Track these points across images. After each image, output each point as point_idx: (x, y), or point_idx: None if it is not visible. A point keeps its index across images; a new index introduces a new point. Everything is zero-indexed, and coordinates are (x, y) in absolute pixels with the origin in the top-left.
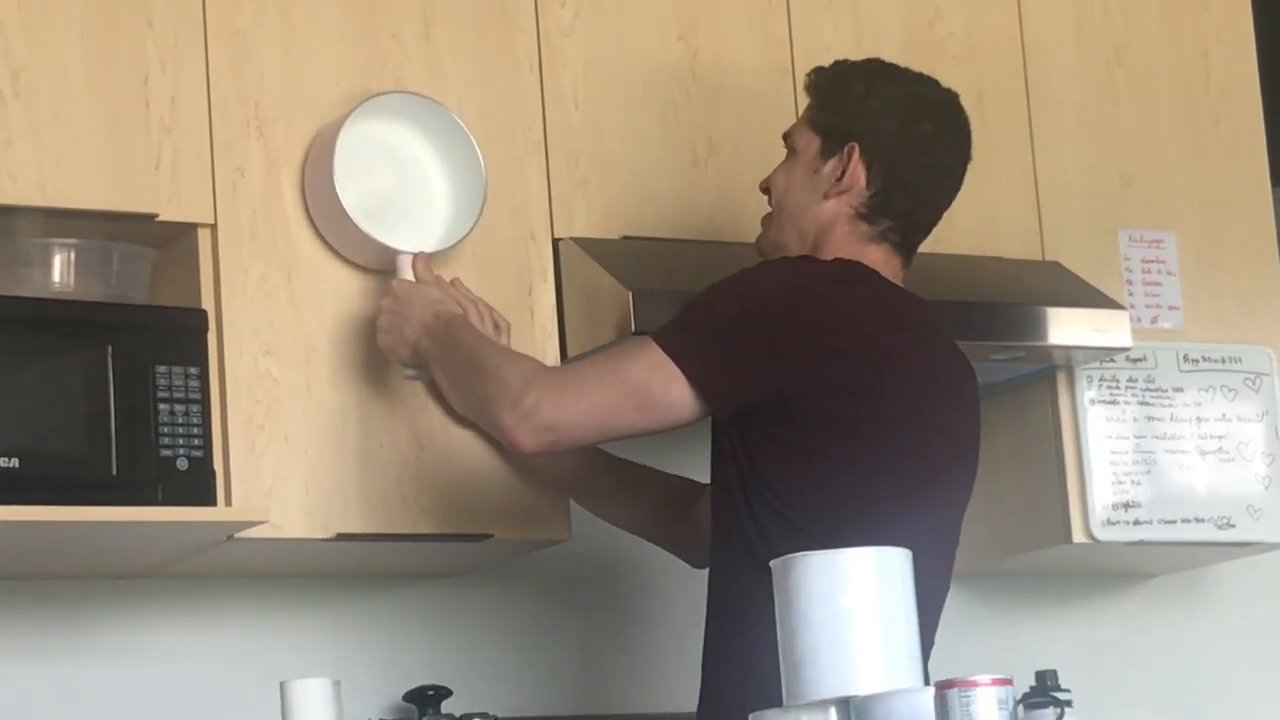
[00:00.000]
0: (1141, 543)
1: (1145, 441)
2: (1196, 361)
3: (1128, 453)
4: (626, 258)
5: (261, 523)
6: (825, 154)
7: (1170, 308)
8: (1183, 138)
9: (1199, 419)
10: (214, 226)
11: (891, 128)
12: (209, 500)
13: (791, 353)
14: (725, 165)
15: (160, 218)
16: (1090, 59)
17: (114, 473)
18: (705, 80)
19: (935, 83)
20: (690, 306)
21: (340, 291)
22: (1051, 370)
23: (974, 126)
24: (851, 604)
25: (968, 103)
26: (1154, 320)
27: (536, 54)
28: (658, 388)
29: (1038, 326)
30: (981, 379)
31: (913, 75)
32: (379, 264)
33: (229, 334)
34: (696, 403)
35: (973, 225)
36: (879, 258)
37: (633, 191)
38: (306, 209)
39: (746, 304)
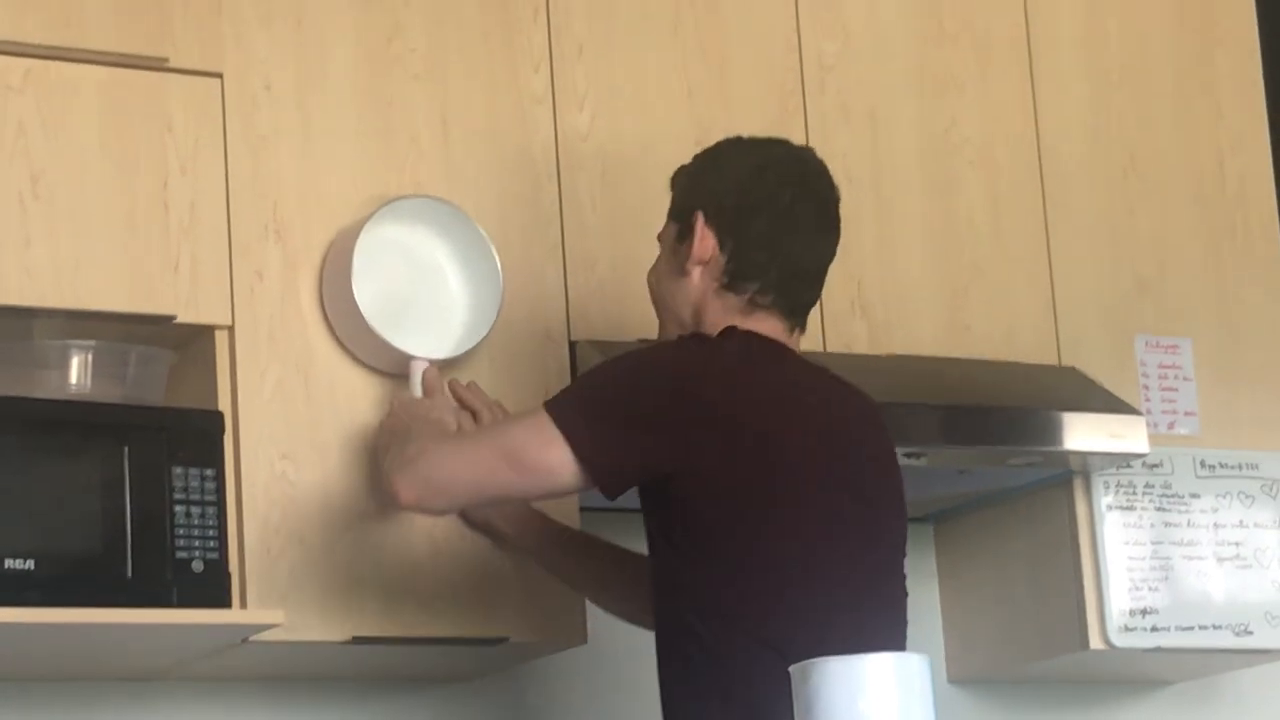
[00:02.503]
0: (1159, 649)
1: (1162, 548)
2: (1213, 468)
3: (1145, 559)
4: None
5: (277, 625)
6: (681, 235)
7: (1187, 413)
8: (1199, 244)
9: (1216, 525)
10: (231, 328)
11: (729, 188)
12: (224, 602)
13: (673, 423)
14: None
15: (178, 319)
16: (1105, 165)
17: (129, 575)
18: None
19: (785, 142)
20: (581, 377)
21: (356, 394)
22: (1068, 476)
23: (990, 231)
24: (871, 710)
25: (984, 208)
26: (1171, 426)
27: (554, 157)
28: (535, 449)
29: (1054, 432)
30: (997, 484)
31: (760, 140)
32: (395, 368)
33: (245, 436)
34: (578, 470)
35: (989, 330)
36: (763, 326)
37: (649, 295)
38: (324, 311)
39: (633, 377)
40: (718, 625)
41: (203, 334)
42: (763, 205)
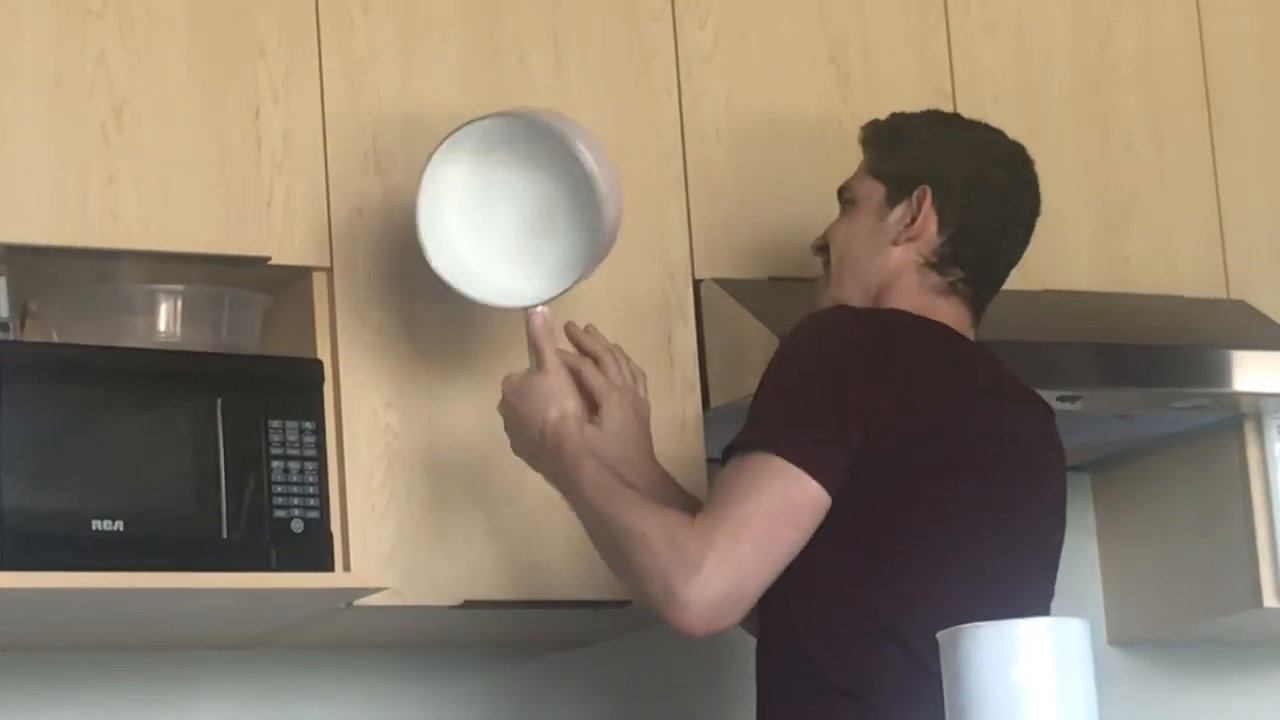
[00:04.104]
0: None
1: None
2: None
3: None
4: (774, 301)
5: (382, 589)
6: (891, 200)
7: None
8: None
9: None
10: (330, 270)
11: (963, 171)
12: (326, 565)
13: (849, 410)
14: None
15: (273, 261)
16: (1278, 78)
17: (224, 536)
18: (858, 106)
19: (1001, 131)
20: (758, 400)
21: (466, 338)
22: (1239, 419)
23: (1152, 152)
24: (1024, 679)
25: (1144, 128)
26: None
27: (675, 81)
28: (796, 491)
29: (1222, 371)
30: (1160, 429)
31: (977, 122)
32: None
33: (346, 386)
34: (824, 491)
35: (1150, 261)
36: (950, 313)
37: (780, 229)
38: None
39: (805, 377)
40: (845, 613)
41: (299, 276)
42: (993, 200)
